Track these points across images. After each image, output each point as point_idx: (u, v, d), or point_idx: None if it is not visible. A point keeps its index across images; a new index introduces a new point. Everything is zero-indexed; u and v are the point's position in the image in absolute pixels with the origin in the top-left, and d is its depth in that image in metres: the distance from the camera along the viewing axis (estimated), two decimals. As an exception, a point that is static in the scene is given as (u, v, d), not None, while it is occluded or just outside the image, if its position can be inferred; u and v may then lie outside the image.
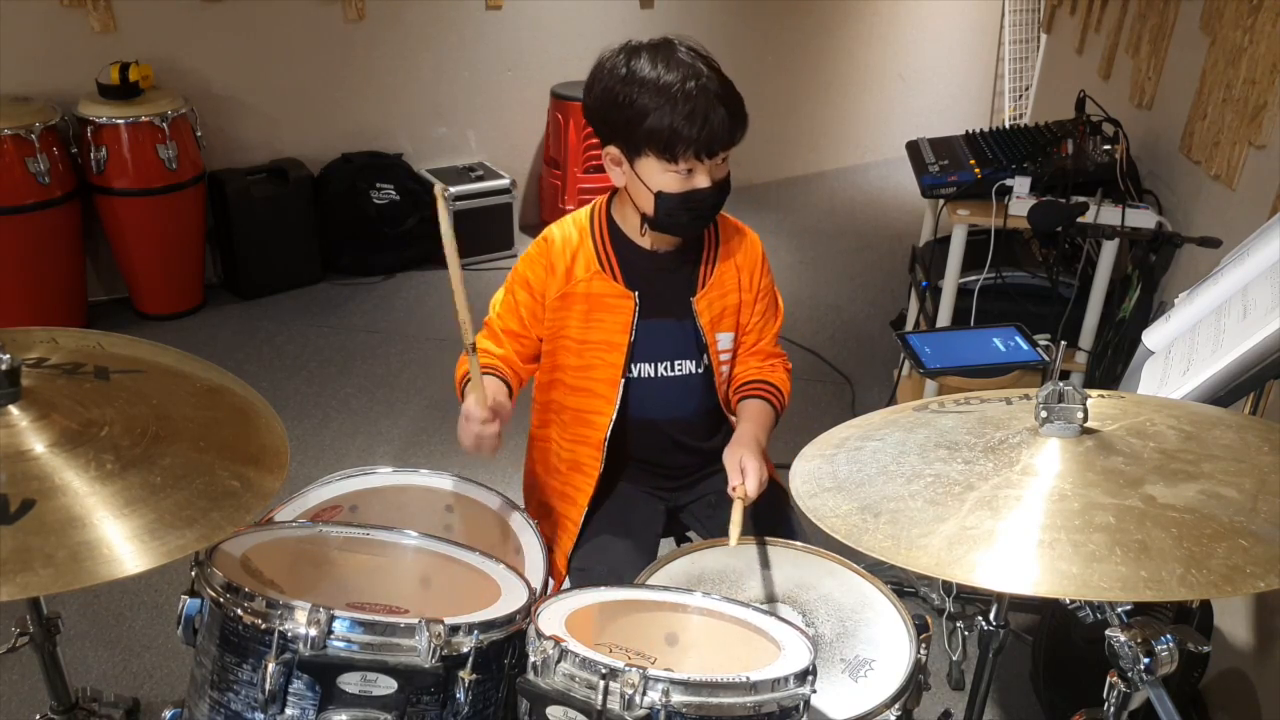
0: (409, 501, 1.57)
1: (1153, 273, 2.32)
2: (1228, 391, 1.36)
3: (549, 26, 4.54)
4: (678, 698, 1.08)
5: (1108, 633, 1.07)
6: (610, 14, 4.69)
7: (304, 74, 4.05)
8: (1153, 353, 1.61)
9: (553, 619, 1.21)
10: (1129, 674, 1.07)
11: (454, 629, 1.14)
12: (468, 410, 1.52)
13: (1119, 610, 1.08)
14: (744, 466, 1.53)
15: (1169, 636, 1.06)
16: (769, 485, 1.56)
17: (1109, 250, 2.70)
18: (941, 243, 2.98)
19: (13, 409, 1.07)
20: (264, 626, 1.10)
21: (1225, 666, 2.04)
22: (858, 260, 4.66)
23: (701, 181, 1.52)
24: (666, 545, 1.80)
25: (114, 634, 2.29)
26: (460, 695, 1.15)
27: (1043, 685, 2.10)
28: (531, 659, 1.14)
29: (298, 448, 2.99)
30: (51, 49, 3.51)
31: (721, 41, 1.70)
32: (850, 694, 1.32)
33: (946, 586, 2.38)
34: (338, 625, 1.10)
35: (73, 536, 0.96)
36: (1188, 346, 1.50)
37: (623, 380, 1.66)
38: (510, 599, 1.26)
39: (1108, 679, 1.12)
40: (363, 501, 1.53)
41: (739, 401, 1.73)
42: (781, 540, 1.60)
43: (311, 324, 3.80)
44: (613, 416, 1.67)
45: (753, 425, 1.64)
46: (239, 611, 1.12)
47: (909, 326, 3.34)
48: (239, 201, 3.80)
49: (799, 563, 1.56)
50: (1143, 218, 2.58)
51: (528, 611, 1.23)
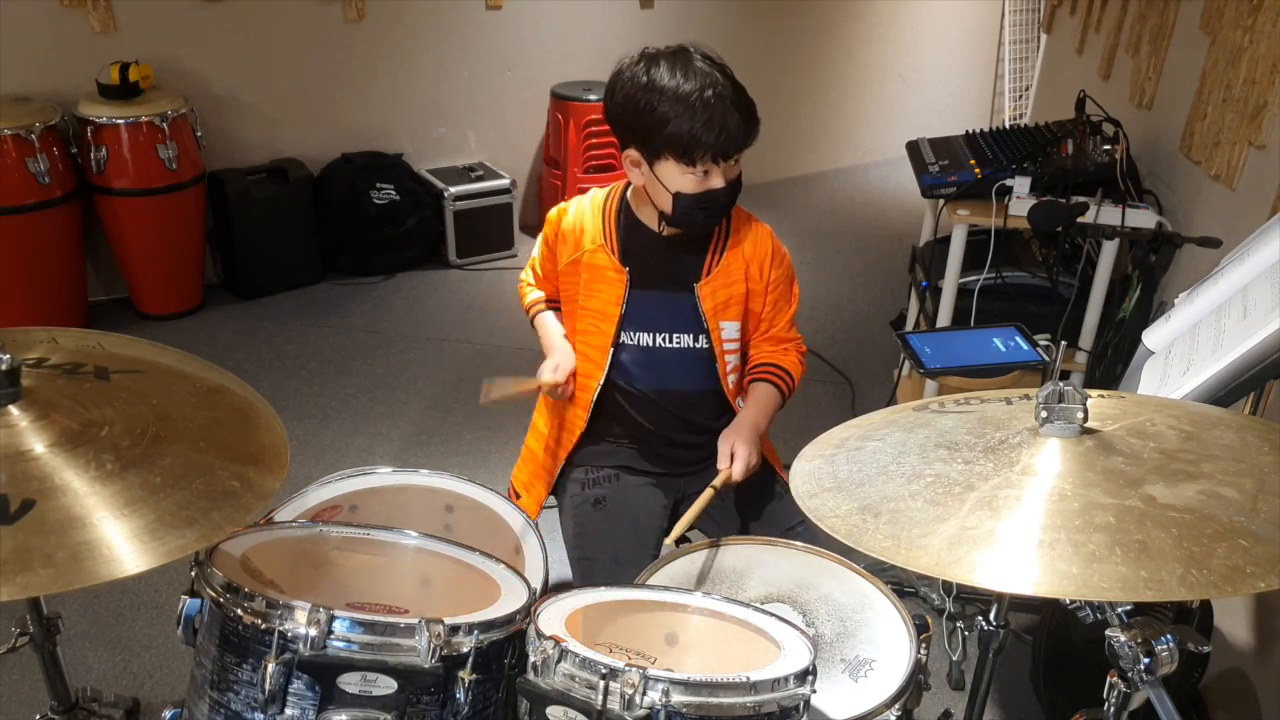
0: (409, 501, 1.57)
1: (1153, 273, 2.32)
2: (1228, 391, 1.36)
3: (549, 26, 4.54)
4: (678, 698, 1.08)
5: (1108, 633, 1.07)
6: (610, 14, 4.69)
7: (304, 74, 4.05)
8: (1153, 353, 1.61)
9: (553, 619, 1.21)
10: (1129, 674, 1.07)
11: (454, 629, 1.14)
12: (561, 366, 1.77)
13: (1119, 610, 1.08)
14: (734, 451, 1.64)
15: (1169, 636, 1.06)
16: (763, 468, 1.66)
17: (1109, 250, 2.70)
18: (941, 243, 2.98)
19: (13, 409, 1.07)
20: (264, 626, 1.10)
21: (1225, 666, 2.04)
22: (858, 260, 4.66)
23: (717, 182, 1.62)
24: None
25: (114, 634, 2.29)
26: (460, 695, 1.15)
27: (1043, 685, 2.10)
28: (531, 659, 1.14)
29: (298, 448, 2.99)
30: (51, 49, 3.50)
31: (721, 42, 1.71)
32: (850, 694, 1.32)
33: (946, 586, 2.38)
34: (338, 625, 1.10)
35: (73, 536, 0.96)
36: (1188, 346, 1.50)
37: (612, 349, 1.76)
38: (510, 599, 1.26)
39: (1108, 679, 1.12)
40: (362, 501, 1.53)
41: (749, 383, 1.82)
42: (782, 540, 1.60)
43: (311, 324, 3.80)
44: (600, 380, 1.78)
45: (754, 411, 1.75)
46: (239, 611, 1.12)
47: (909, 326, 3.34)
48: (239, 201, 3.80)
49: (799, 563, 1.56)
50: (1143, 218, 2.58)
51: (528, 611, 1.23)
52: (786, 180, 5.66)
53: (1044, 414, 1.10)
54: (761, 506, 1.81)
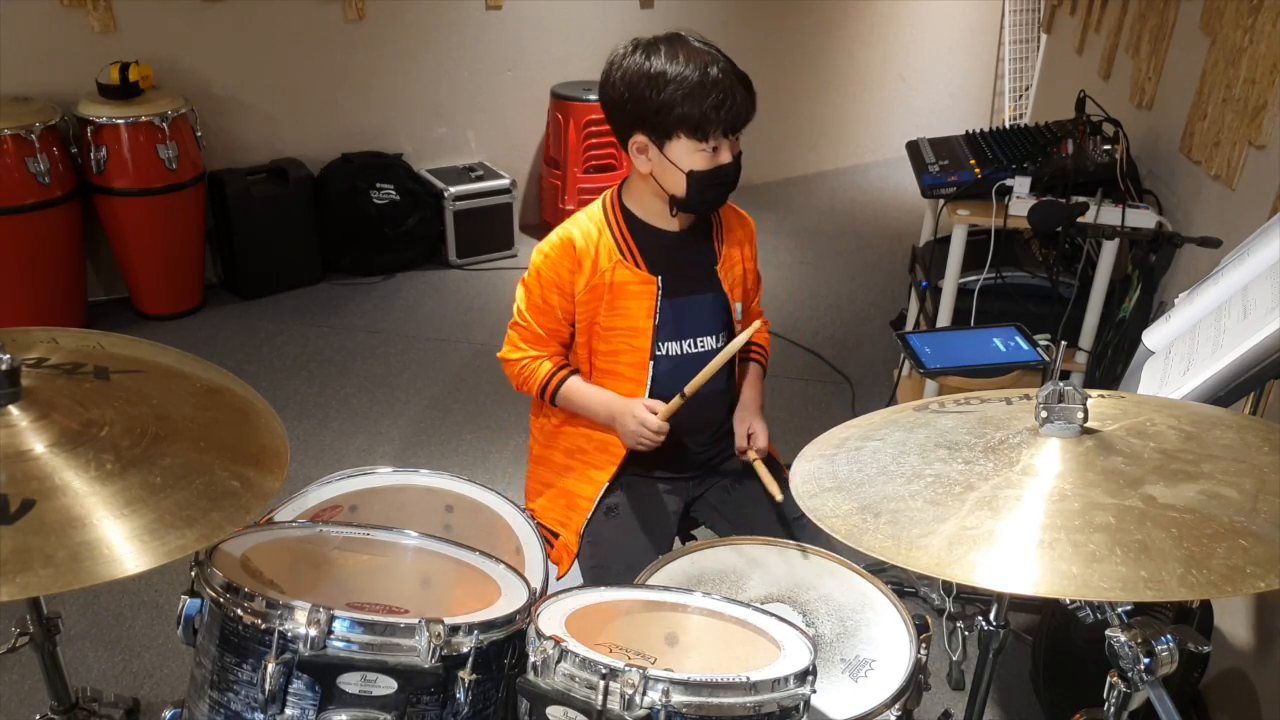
0: (409, 501, 1.57)
1: (1153, 273, 2.32)
2: (1228, 391, 1.36)
3: (549, 26, 4.54)
4: (678, 698, 1.08)
5: (1108, 633, 1.07)
6: (610, 14, 4.69)
7: (304, 74, 4.05)
8: (1153, 353, 1.61)
9: (553, 619, 1.20)
10: (1129, 674, 1.07)
11: (454, 629, 1.14)
12: (655, 426, 1.69)
13: (1119, 610, 1.08)
14: (752, 431, 1.79)
15: (1169, 636, 1.06)
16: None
17: (1109, 250, 2.70)
18: (941, 243, 2.98)
19: (13, 409, 1.07)
20: (264, 626, 1.10)
21: (1225, 666, 2.04)
22: (858, 260, 4.66)
23: (725, 157, 1.67)
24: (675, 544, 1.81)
25: (114, 634, 2.29)
26: (460, 695, 1.15)
27: (1043, 685, 2.10)
28: (531, 659, 1.14)
29: (298, 448, 2.99)
30: (51, 49, 3.51)
31: (721, 41, 1.72)
32: (850, 694, 1.32)
33: (946, 586, 2.38)
34: (338, 625, 1.10)
35: (73, 536, 0.96)
36: (1188, 346, 1.50)
37: (650, 362, 1.76)
38: (510, 599, 1.26)
39: (1108, 679, 1.12)
40: (363, 501, 1.53)
41: (738, 362, 1.90)
42: (782, 540, 1.60)
43: (311, 324, 3.80)
44: (644, 398, 1.75)
45: (755, 391, 1.89)
46: (239, 611, 1.12)
47: (909, 326, 3.34)
48: (239, 201, 3.80)
49: (799, 563, 1.56)
50: (1143, 218, 2.58)
51: (528, 611, 1.23)
52: (786, 180, 5.66)
53: (1044, 414, 1.10)
54: (762, 506, 1.81)
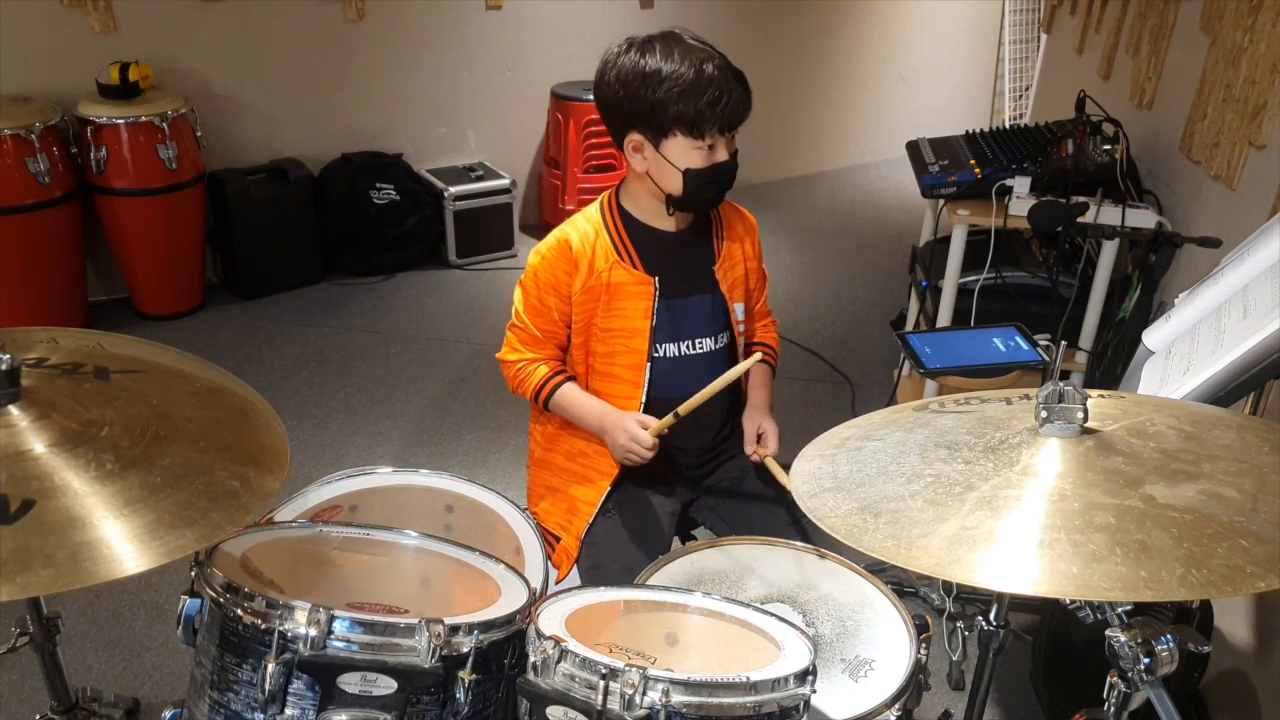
0: (409, 501, 1.57)
1: (1153, 273, 2.32)
2: (1228, 391, 1.36)
3: (549, 26, 4.54)
4: (678, 698, 1.08)
5: (1108, 633, 1.07)
6: (610, 14, 4.69)
7: (304, 74, 4.05)
8: (1153, 353, 1.61)
9: (553, 619, 1.20)
10: (1129, 674, 1.07)
11: (454, 629, 1.14)
12: (646, 443, 1.67)
13: (1119, 610, 1.08)
14: (763, 431, 1.75)
15: (1169, 636, 1.06)
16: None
17: (1109, 250, 2.70)
18: (941, 243, 2.98)
19: (13, 409, 1.07)
20: (264, 626, 1.10)
21: (1225, 666, 2.04)
22: (858, 260, 4.66)
23: (721, 155, 1.66)
24: (673, 545, 1.81)
25: (114, 634, 2.29)
26: (460, 695, 1.15)
27: (1043, 685, 2.10)
28: (531, 659, 1.14)
29: (298, 448, 2.99)
30: (51, 49, 3.51)
31: (721, 41, 1.72)
32: (850, 694, 1.32)
33: (946, 586, 2.38)
34: (338, 625, 1.10)
35: (73, 536, 0.96)
36: (1188, 346, 1.50)
37: (648, 364, 1.74)
38: (510, 599, 1.26)
39: (1108, 679, 1.12)
40: (362, 501, 1.53)
41: None
42: (782, 540, 1.60)
43: (311, 324, 3.80)
44: (641, 400, 1.75)
45: (764, 391, 1.85)
46: (239, 611, 1.12)
47: (909, 326, 3.34)
48: (239, 201, 3.80)
49: (799, 563, 1.56)
50: (1143, 218, 2.58)
51: (528, 611, 1.23)
52: (786, 180, 5.66)
53: (1044, 414, 1.10)
54: (761, 506, 1.81)
